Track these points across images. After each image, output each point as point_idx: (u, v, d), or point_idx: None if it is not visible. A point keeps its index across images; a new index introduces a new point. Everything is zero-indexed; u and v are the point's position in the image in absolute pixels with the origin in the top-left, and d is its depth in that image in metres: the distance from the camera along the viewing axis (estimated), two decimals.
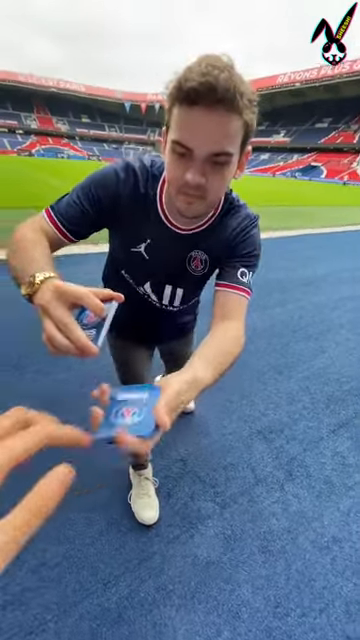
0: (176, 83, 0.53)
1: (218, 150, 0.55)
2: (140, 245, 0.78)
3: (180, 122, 0.55)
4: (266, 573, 1.17)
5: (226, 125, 0.53)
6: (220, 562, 1.19)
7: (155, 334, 1.12)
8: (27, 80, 64.03)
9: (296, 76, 56.08)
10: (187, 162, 0.57)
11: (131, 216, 0.74)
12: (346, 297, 3.82)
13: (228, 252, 0.77)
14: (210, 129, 0.53)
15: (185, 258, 0.80)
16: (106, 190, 0.70)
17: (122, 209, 0.72)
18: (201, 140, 0.54)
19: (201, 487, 1.45)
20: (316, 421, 1.90)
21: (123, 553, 1.18)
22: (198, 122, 0.53)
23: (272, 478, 1.53)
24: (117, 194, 0.71)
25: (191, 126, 0.54)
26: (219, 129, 0.53)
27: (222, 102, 0.51)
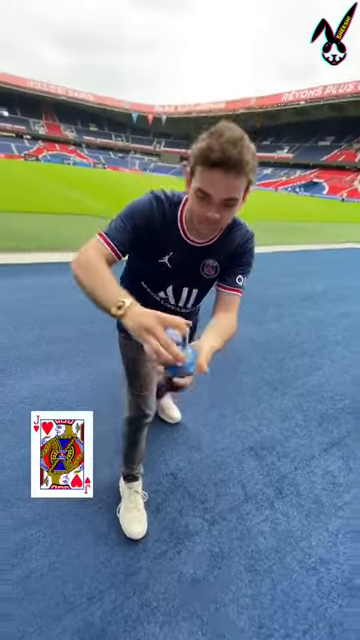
0: (203, 150, 0.76)
1: (229, 197, 0.80)
2: (165, 257, 1.00)
3: (203, 177, 0.79)
4: (252, 593, 1.17)
5: (235, 183, 0.78)
6: (206, 580, 1.19)
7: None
8: (37, 87, 65.17)
9: (301, 94, 57.26)
10: (207, 203, 0.81)
11: (159, 235, 0.95)
12: (343, 314, 3.85)
13: (233, 261, 1.02)
14: (225, 185, 0.78)
15: (200, 265, 1.03)
16: (144, 217, 0.92)
17: (153, 230, 0.94)
18: (218, 191, 0.78)
19: (190, 503, 1.46)
20: (308, 439, 1.91)
21: (109, 567, 1.18)
22: (217, 179, 0.77)
23: (262, 495, 1.53)
24: (152, 219, 0.93)
25: (212, 182, 0.78)
26: (230, 185, 0.78)
27: (234, 169, 0.75)
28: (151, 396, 1.27)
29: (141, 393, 1.25)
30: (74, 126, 73.85)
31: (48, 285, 3.65)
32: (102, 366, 2.32)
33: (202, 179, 0.79)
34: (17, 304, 3.11)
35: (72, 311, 3.09)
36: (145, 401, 1.25)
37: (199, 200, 0.82)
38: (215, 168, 0.75)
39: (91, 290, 0.77)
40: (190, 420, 1.93)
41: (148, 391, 1.26)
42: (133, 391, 1.26)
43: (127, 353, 1.26)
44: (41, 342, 2.52)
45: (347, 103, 52.28)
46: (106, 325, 2.82)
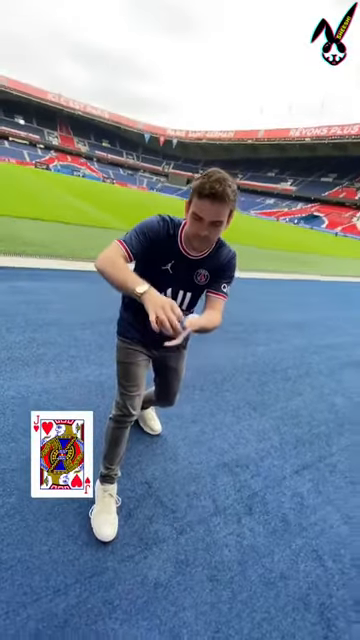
0: (199, 186, 1.06)
1: (216, 219, 1.09)
2: (167, 265, 1.25)
3: (197, 205, 1.08)
4: (211, 600, 1.22)
5: (220, 209, 1.07)
6: (169, 585, 1.24)
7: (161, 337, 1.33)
8: (55, 100, 67.37)
9: (307, 132, 59.93)
10: (200, 224, 1.10)
11: (164, 247, 1.21)
12: (328, 344, 3.99)
13: (220, 273, 1.28)
14: (212, 211, 1.07)
15: (194, 274, 1.28)
16: (153, 231, 1.18)
17: (159, 242, 1.20)
18: (207, 215, 1.08)
19: (162, 511, 1.51)
20: (282, 460, 1.98)
21: (77, 565, 1.23)
22: (207, 207, 1.07)
23: (231, 510, 1.59)
24: (159, 234, 1.19)
25: (203, 208, 1.07)
26: (216, 211, 1.07)
27: (218, 200, 1.05)
28: (137, 397, 1.39)
29: (130, 393, 1.37)
30: (87, 140, 75.91)
31: (44, 290, 3.75)
32: (89, 372, 2.39)
33: (196, 206, 1.08)
34: (12, 306, 3.19)
35: (65, 317, 3.18)
36: (132, 401, 1.38)
37: (194, 221, 1.11)
38: (205, 199, 1.05)
39: (117, 278, 1.05)
40: (170, 433, 2.00)
41: (135, 391, 1.38)
42: (123, 391, 1.38)
43: (123, 356, 1.41)
44: (32, 345, 2.60)
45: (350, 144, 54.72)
46: (97, 333, 2.93)
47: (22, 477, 1.50)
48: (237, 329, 3.82)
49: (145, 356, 1.42)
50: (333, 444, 2.24)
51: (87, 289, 4.14)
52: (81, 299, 3.75)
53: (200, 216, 1.08)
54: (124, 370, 1.40)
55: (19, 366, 2.29)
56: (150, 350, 1.42)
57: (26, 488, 1.43)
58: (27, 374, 2.22)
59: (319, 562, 1.44)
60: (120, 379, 1.40)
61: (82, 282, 4.35)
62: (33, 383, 2.14)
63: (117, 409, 1.39)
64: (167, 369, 1.56)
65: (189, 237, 1.17)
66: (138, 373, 1.39)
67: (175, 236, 1.21)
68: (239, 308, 4.67)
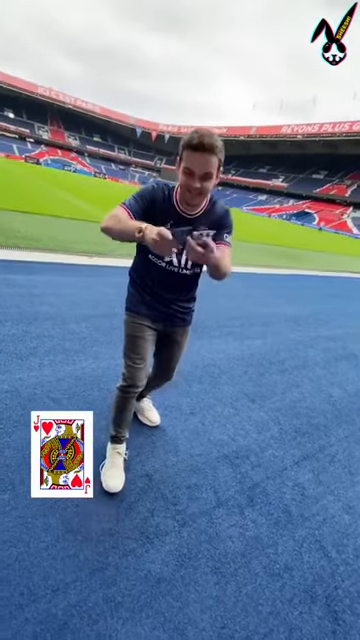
0: (188, 140, 1.11)
1: (206, 172, 1.14)
2: (167, 224, 1.21)
3: (188, 158, 1.13)
4: (216, 594, 1.18)
5: (209, 161, 1.12)
6: (172, 579, 1.20)
7: (168, 309, 1.46)
8: (46, 93, 66.10)
9: (299, 129, 60.06)
10: (191, 177, 1.15)
11: (160, 208, 1.27)
12: (322, 337, 3.99)
13: (218, 226, 1.28)
14: (201, 162, 1.12)
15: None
16: (149, 194, 1.27)
17: (156, 204, 1.27)
18: (198, 167, 1.12)
19: (163, 504, 1.47)
20: (282, 451, 1.96)
21: (77, 561, 1.18)
22: (196, 159, 1.11)
23: (233, 502, 1.56)
24: (155, 196, 1.27)
25: (193, 160, 1.12)
26: (205, 162, 1.12)
27: (208, 150, 1.10)
28: (143, 369, 1.47)
29: (134, 364, 1.44)
30: (78, 134, 74.82)
31: (38, 283, 3.66)
32: (85, 365, 2.33)
33: (187, 160, 1.13)
34: (5, 299, 3.10)
35: (59, 310, 3.10)
36: (137, 372, 1.45)
37: (186, 176, 1.15)
38: (195, 151, 1.09)
39: (120, 229, 1.15)
40: (169, 425, 1.96)
41: (141, 363, 1.45)
42: (129, 362, 1.45)
43: (130, 330, 1.47)
44: (26, 337, 2.52)
45: (340, 141, 55.10)
46: (91, 326, 2.86)
47: (17, 472, 1.44)
48: (233, 323, 3.79)
49: (152, 330, 1.48)
50: (331, 435, 2.23)
51: (81, 282, 4.06)
52: (75, 292, 3.67)
53: (191, 169, 1.12)
54: (131, 342, 1.46)
55: (12, 359, 2.22)
56: (157, 324, 1.48)
57: (21, 483, 1.39)
58: (21, 367, 2.15)
59: (323, 552, 1.42)
60: (127, 351, 1.47)
61: (76, 275, 4.27)
62: (27, 376, 2.08)
63: (123, 380, 1.47)
64: (172, 342, 1.59)
65: (183, 192, 1.22)
66: (144, 346, 1.46)
67: (170, 197, 1.29)
68: (235, 302, 4.64)
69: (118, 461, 1.53)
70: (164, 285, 1.42)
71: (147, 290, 1.44)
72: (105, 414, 1.88)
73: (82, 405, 1.94)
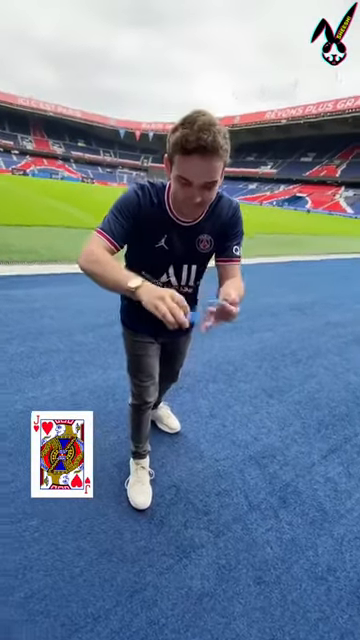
0: (180, 139, 0.81)
1: (208, 180, 0.87)
2: (161, 240, 1.06)
3: (182, 165, 0.85)
4: (261, 605, 1.14)
5: (212, 166, 0.84)
6: (215, 594, 1.16)
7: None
8: (26, 103, 65.82)
9: (282, 113, 59.52)
10: (188, 188, 0.88)
11: (150, 220, 1.01)
12: (332, 323, 3.93)
13: (226, 232, 1.08)
14: (203, 170, 0.84)
15: (195, 241, 1.08)
16: (132, 206, 0.99)
17: (144, 216, 1.00)
18: (197, 176, 0.85)
19: (194, 514, 1.43)
20: (308, 446, 1.91)
21: (114, 585, 1.14)
22: (195, 166, 0.83)
23: (266, 505, 1.51)
24: (140, 206, 0.99)
25: (191, 168, 0.84)
26: (208, 169, 0.84)
27: (210, 154, 0.82)
28: (152, 386, 1.37)
29: (142, 383, 1.35)
30: (62, 142, 74.54)
31: (38, 296, 3.61)
32: (97, 377, 2.29)
33: (181, 167, 0.85)
34: (8, 316, 3.05)
35: (63, 323, 3.06)
36: (146, 390, 1.36)
37: (181, 186, 0.89)
38: (192, 155, 0.82)
39: (105, 276, 0.88)
40: (190, 430, 1.92)
41: (149, 382, 1.35)
42: (136, 382, 1.36)
43: (132, 348, 1.34)
44: (34, 354, 2.48)
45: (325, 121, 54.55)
46: (98, 336, 2.82)
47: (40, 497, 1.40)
48: (240, 317, 3.66)
49: (154, 345, 1.35)
50: (356, 424, 2.18)
51: (81, 291, 4.01)
52: (77, 302, 3.62)
53: (188, 179, 0.85)
54: (135, 363, 1.35)
55: (23, 378, 2.18)
56: (158, 339, 1.35)
57: (47, 508, 1.35)
58: (33, 385, 2.11)
59: None
60: (133, 370, 1.36)
61: (74, 285, 4.22)
62: (40, 394, 2.04)
63: (134, 398, 1.40)
64: (174, 351, 1.50)
65: (178, 203, 0.97)
66: (150, 364, 1.34)
67: (161, 204, 1.01)
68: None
69: (143, 476, 1.49)
70: None
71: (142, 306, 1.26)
72: (123, 426, 1.85)
73: (99, 418, 1.90)
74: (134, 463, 1.53)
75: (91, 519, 1.35)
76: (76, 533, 1.28)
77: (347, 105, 49.65)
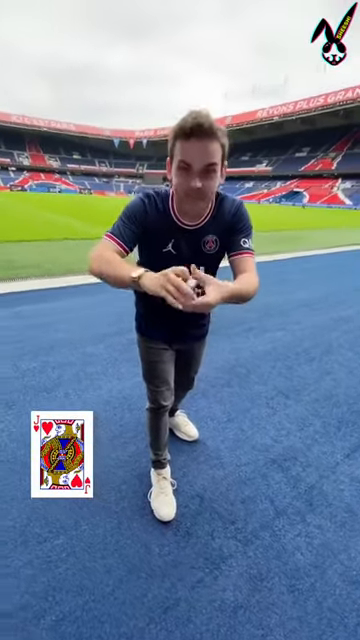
0: (178, 126, 0.87)
1: (208, 162, 0.88)
2: (168, 245, 1.09)
3: (182, 149, 0.88)
4: (297, 614, 1.11)
5: (210, 147, 0.87)
6: (249, 605, 1.13)
7: (181, 329, 1.32)
8: (20, 121, 66.95)
9: (274, 111, 59.69)
10: (189, 174, 0.90)
11: (157, 226, 1.05)
12: (343, 318, 3.88)
13: (230, 229, 1.08)
14: (202, 151, 0.87)
15: (200, 243, 1.10)
16: (139, 213, 1.03)
17: (150, 222, 1.04)
18: (197, 159, 0.88)
19: (221, 524, 1.40)
20: (330, 445, 1.87)
21: (146, 602, 1.12)
22: (194, 147, 0.87)
23: (292, 509, 1.48)
24: (147, 213, 1.04)
25: (189, 150, 0.87)
26: (207, 150, 0.87)
27: (207, 135, 0.86)
28: (167, 391, 1.38)
29: (157, 389, 1.36)
30: (58, 155, 75.49)
31: (46, 311, 3.63)
32: (111, 387, 2.28)
33: (182, 151, 0.89)
34: (19, 332, 3.07)
35: (73, 335, 3.06)
36: (161, 395, 1.37)
37: (182, 172, 0.91)
38: (191, 137, 0.86)
39: (111, 274, 0.91)
40: (208, 437, 1.89)
41: (164, 387, 1.37)
42: (152, 387, 1.38)
43: (146, 355, 1.36)
44: (47, 369, 2.48)
45: (317, 116, 54.53)
46: (109, 346, 2.81)
47: (65, 514, 1.39)
48: (250, 317, 3.71)
49: (169, 351, 1.36)
50: None
51: (87, 302, 4.02)
52: (84, 314, 3.63)
53: (188, 162, 0.88)
54: (150, 369, 1.37)
55: (38, 393, 2.18)
56: (172, 345, 1.36)
57: (73, 526, 1.34)
58: (47, 400, 2.11)
59: None
60: (147, 376, 1.38)
61: (81, 296, 4.23)
62: (56, 409, 2.03)
63: (149, 402, 1.42)
64: (189, 357, 1.49)
65: (180, 199, 0.99)
66: (165, 369, 1.35)
67: (166, 210, 1.05)
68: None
69: (166, 487, 1.48)
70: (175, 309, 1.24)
71: (155, 310, 1.23)
72: (141, 436, 1.83)
73: (117, 430, 1.89)
74: (155, 474, 1.52)
75: (117, 534, 1.33)
76: (103, 550, 1.27)
77: (337, 98, 49.65)
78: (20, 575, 1.17)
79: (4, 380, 2.31)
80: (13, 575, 1.17)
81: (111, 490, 1.51)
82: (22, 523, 1.35)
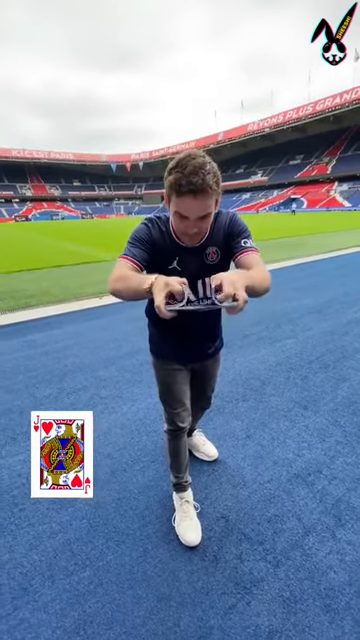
0: (172, 183, 0.95)
1: (202, 214, 1.00)
2: (173, 262, 1.16)
3: (178, 204, 0.98)
4: (335, 634, 1.07)
5: (204, 203, 0.97)
6: (284, 629, 1.09)
7: (193, 347, 1.36)
8: (20, 154, 69.67)
9: (264, 123, 60.98)
10: (185, 221, 1.01)
11: (161, 246, 1.14)
12: (353, 321, 3.85)
13: (229, 235, 1.15)
14: (196, 207, 0.97)
15: (203, 257, 1.16)
16: (145, 235, 1.13)
17: (155, 243, 1.13)
18: (192, 213, 0.98)
19: (249, 546, 1.37)
20: (354, 456, 1.83)
21: (178, 632, 1.09)
22: (189, 204, 0.96)
23: (321, 526, 1.44)
24: (150, 234, 1.13)
25: (185, 207, 0.97)
26: (201, 206, 0.97)
27: (201, 194, 0.94)
28: (184, 412, 1.39)
29: (174, 410, 1.38)
30: (58, 184, 77.94)
31: (57, 337, 3.68)
32: (126, 410, 2.29)
33: (177, 205, 0.99)
34: (32, 361, 3.11)
35: (85, 360, 3.09)
36: (178, 416, 1.39)
37: (179, 220, 1.02)
38: (186, 196, 0.94)
39: (129, 289, 0.96)
40: (228, 455, 1.87)
41: (180, 408, 1.38)
42: (169, 409, 1.40)
43: (162, 376, 1.39)
44: (62, 395, 2.50)
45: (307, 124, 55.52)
46: (121, 368, 2.83)
47: (88, 545, 1.38)
48: (259, 328, 3.70)
49: (184, 372, 1.39)
50: None
51: (97, 326, 4.07)
52: (95, 337, 3.67)
53: (184, 215, 0.99)
54: (166, 390, 1.39)
55: None
56: (187, 365, 1.39)
57: (97, 557, 1.33)
58: None
59: None
60: (164, 397, 1.40)
61: (90, 320, 4.29)
62: None
63: (168, 424, 1.43)
64: (204, 374, 1.51)
65: (179, 235, 1.10)
66: (181, 391, 1.38)
67: (168, 232, 1.14)
68: (251, 305, 4.55)
69: (189, 510, 1.46)
70: (185, 322, 1.22)
71: (168, 330, 1.30)
72: (160, 459, 1.83)
73: (135, 455, 1.88)
74: (178, 497, 1.50)
75: (143, 563, 1.31)
76: (131, 580, 1.25)
77: (326, 105, 50.63)
78: (49, 610, 1.16)
79: (22, 410, 2.33)
80: (42, 609, 1.16)
81: (134, 517, 1.50)
82: (49, 556, 1.34)
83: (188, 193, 0.92)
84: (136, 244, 1.11)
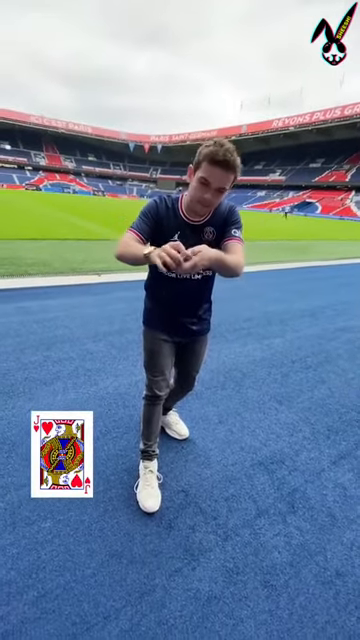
0: (211, 152, 1.11)
1: (221, 186, 1.16)
2: (175, 235, 1.29)
3: (207, 170, 1.14)
4: (269, 608, 1.15)
5: (228, 177, 1.15)
6: (222, 597, 1.17)
7: (179, 321, 1.46)
8: (39, 121, 68.24)
9: (290, 121, 59.82)
10: (205, 188, 1.17)
11: (167, 222, 1.29)
12: (341, 328, 3.90)
13: (225, 222, 1.31)
14: (221, 177, 1.14)
15: (201, 233, 1.31)
16: (154, 210, 1.29)
17: (162, 218, 1.29)
18: (216, 181, 1.14)
19: (202, 519, 1.45)
20: (317, 452, 1.91)
21: (124, 586, 1.17)
22: (217, 173, 1.13)
23: (274, 510, 1.52)
24: (159, 211, 1.29)
25: (213, 174, 1.13)
26: (225, 178, 1.15)
27: (229, 168, 1.12)
28: (162, 381, 1.51)
29: (154, 378, 1.49)
30: (73, 157, 76.59)
31: (51, 307, 3.72)
32: (108, 384, 2.35)
33: (206, 171, 1.14)
34: (23, 327, 3.16)
35: (75, 332, 3.14)
36: (157, 384, 1.50)
37: (200, 186, 1.17)
38: (217, 166, 1.11)
39: (128, 254, 1.16)
40: (198, 436, 1.94)
41: (160, 377, 1.49)
42: (149, 376, 1.51)
43: (148, 344, 1.51)
44: (47, 363, 2.56)
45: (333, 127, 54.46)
46: (109, 344, 2.89)
47: (56, 500, 1.45)
48: (249, 324, 3.76)
49: (170, 343, 1.49)
50: None
51: (92, 302, 4.11)
52: (88, 312, 3.72)
53: (209, 181, 1.14)
54: (150, 357, 1.50)
55: (37, 386, 2.25)
56: (174, 337, 1.49)
57: (60, 510, 1.40)
58: (46, 393, 2.18)
59: None
60: (147, 365, 1.51)
61: (86, 296, 4.33)
62: (53, 402, 2.10)
63: (146, 389, 1.53)
64: (191, 353, 1.59)
65: (192, 202, 1.23)
66: (163, 360, 1.49)
67: (175, 208, 1.30)
68: (247, 303, 4.60)
69: (152, 480, 1.54)
70: (178, 295, 1.41)
71: (162, 303, 1.45)
72: (133, 432, 1.89)
73: (109, 425, 1.95)
74: (143, 467, 1.58)
75: (102, 522, 1.39)
76: (87, 535, 1.33)
77: (355, 111, 49.57)
78: (6, 553, 1.23)
79: (6, 372, 2.39)
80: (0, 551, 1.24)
81: (100, 480, 1.57)
82: (13, 506, 1.41)
83: (221, 163, 1.09)
84: (144, 219, 1.27)
